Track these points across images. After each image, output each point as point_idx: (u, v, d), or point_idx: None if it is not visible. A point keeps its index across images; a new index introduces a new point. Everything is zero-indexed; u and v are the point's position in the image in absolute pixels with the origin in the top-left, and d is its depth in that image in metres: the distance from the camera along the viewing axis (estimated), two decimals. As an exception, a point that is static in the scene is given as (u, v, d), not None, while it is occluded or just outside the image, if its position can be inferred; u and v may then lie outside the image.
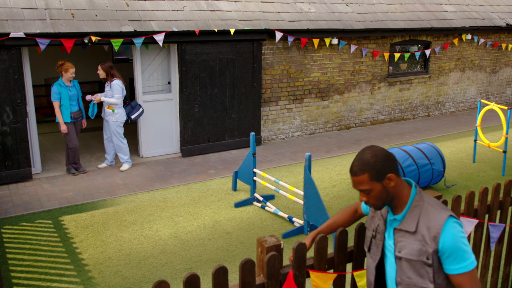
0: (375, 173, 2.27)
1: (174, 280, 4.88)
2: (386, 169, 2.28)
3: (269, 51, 9.58)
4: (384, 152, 2.30)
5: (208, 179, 7.83)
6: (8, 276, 4.92)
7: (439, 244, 2.22)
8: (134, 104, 8.19)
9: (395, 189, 2.33)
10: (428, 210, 2.30)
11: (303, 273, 2.56)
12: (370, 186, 2.28)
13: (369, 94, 11.32)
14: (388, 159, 2.30)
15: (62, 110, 7.62)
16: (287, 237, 5.80)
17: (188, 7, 8.79)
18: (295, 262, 2.52)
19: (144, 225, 6.13)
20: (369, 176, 2.27)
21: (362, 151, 2.33)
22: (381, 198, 2.32)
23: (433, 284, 2.28)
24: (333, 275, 2.68)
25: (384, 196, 2.31)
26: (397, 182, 2.32)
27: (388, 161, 2.29)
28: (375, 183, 2.28)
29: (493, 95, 13.88)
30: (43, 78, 12.84)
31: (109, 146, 8.28)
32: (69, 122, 7.68)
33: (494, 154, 9.19)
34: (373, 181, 2.28)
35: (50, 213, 6.49)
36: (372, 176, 2.27)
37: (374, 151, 2.30)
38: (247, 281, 2.37)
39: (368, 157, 2.28)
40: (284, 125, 10.19)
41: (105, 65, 7.94)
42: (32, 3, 7.60)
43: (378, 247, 2.47)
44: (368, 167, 2.27)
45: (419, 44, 11.92)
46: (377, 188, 2.29)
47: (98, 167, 8.29)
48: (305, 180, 5.70)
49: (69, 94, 7.64)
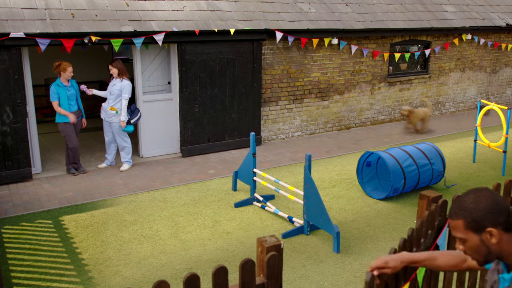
0: (471, 222, 1.92)
1: (174, 280, 4.88)
2: (487, 221, 1.90)
3: (269, 51, 9.59)
4: (489, 201, 1.92)
5: (208, 179, 7.83)
6: (8, 276, 4.92)
7: None
8: (134, 108, 8.20)
9: (499, 246, 1.93)
10: None
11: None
12: (465, 236, 1.95)
13: (369, 94, 11.32)
14: (493, 211, 1.90)
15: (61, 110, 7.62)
16: (287, 237, 5.80)
17: (188, 7, 8.79)
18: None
19: (144, 225, 6.13)
20: (464, 224, 1.94)
21: (467, 193, 2.00)
22: (479, 253, 1.96)
23: None
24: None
25: (483, 251, 1.95)
26: (503, 238, 1.91)
27: (492, 213, 1.90)
28: (470, 234, 1.94)
29: (493, 95, 13.88)
30: (43, 78, 12.85)
31: (110, 146, 8.28)
32: (68, 122, 7.66)
33: (494, 154, 9.19)
34: (468, 231, 1.94)
35: (50, 213, 6.49)
36: (467, 225, 1.93)
37: (478, 196, 1.94)
38: (247, 281, 2.37)
39: (468, 201, 1.94)
40: (284, 125, 10.19)
41: (116, 63, 7.95)
42: (32, 3, 7.60)
43: None
44: (464, 214, 1.94)
45: (419, 44, 11.92)
46: (473, 240, 1.94)
47: (98, 167, 8.29)
48: (305, 180, 5.70)
49: (68, 94, 7.63)
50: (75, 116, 7.71)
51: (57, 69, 7.57)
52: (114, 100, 7.95)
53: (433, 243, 3.25)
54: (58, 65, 7.56)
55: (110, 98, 7.98)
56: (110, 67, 7.95)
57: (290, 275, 4.97)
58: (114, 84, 7.96)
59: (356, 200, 6.97)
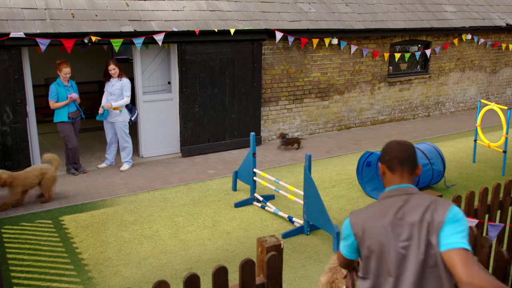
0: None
1: (174, 280, 4.87)
2: (380, 157, 2.54)
3: (269, 51, 9.58)
4: (387, 144, 2.52)
5: (208, 179, 7.83)
6: (8, 276, 4.92)
7: None
8: (131, 107, 8.22)
9: (384, 178, 2.50)
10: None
11: None
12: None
13: (369, 94, 11.32)
14: (384, 151, 2.48)
15: (60, 109, 7.59)
16: (287, 237, 5.80)
17: (188, 7, 8.79)
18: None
19: (144, 225, 6.13)
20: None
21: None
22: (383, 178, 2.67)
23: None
24: None
25: (382, 178, 2.64)
26: (386, 173, 2.49)
27: (383, 152, 2.49)
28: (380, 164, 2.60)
29: (493, 95, 13.88)
30: (43, 78, 12.84)
31: (111, 147, 8.28)
32: (67, 122, 7.64)
33: (494, 154, 9.19)
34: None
35: (50, 213, 6.49)
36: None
37: (391, 142, 2.53)
38: (247, 281, 2.37)
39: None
40: (284, 125, 10.19)
41: (116, 61, 7.98)
42: (32, 3, 7.60)
43: None
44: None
45: (419, 44, 11.92)
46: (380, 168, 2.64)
47: (98, 167, 8.29)
48: (305, 180, 5.70)
49: (67, 94, 7.61)
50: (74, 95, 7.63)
51: (57, 68, 7.60)
52: (116, 99, 7.95)
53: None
54: (58, 64, 7.57)
55: (111, 98, 7.97)
56: (113, 66, 7.91)
57: (290, 275, 4.96)
58: (113, 84, 7.96)
59: (356, 200, 6.97)
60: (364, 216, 2.35)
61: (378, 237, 2.27)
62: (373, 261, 2.30)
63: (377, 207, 2.36)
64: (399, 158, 2.37)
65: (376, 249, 2.28)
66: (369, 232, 2.30)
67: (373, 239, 2.29)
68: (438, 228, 2.15)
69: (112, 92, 7.96)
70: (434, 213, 2.19)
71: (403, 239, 2.22)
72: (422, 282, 2.18)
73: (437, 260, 2.16)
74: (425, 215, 2.20)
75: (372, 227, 2.30)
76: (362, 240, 2.33)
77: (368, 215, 2.34)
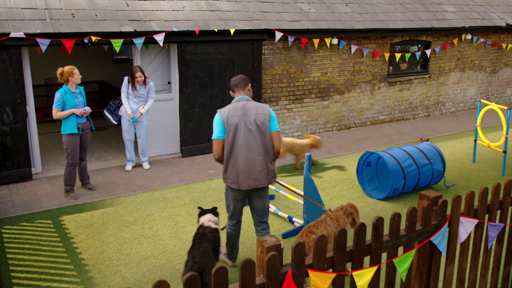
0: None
1: (174, 280, 4.88)
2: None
3: (269, 51, 9.59)
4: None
5: (208, 179, 7.84)
6: (8, 276, 4.92)
7: None
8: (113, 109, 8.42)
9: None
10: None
11: (302, 272, 2.56)
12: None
13: (369, 94, 11.32)
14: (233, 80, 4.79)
15: (67, 120, 6.68)
16: (287, 237, 5.80)
17: (188, 7, 8.80)
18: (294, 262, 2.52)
19: (144, 225, 6.13)
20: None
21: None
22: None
23: None
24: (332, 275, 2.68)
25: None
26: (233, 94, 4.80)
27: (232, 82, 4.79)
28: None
29: (493, 95, 13.88)
30: (43, 78, 12.85)
31: (131, 146, 8.24)
32: (75, 134, 6.76)
33: (494, 154, 9.19)
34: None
35: (50, 213, 6.49)
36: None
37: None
38: (247, 281, 2.37)
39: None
40: (284, 125, 10.19)
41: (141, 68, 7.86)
42: (32, 3, 7.60)
43: None
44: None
45: (419, 44, 11.92)
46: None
47: (126, 170, 8.20)
48: (305, 180, 5.70)
49: (76, 102, 6.69)
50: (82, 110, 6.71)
51: (62, 77, 6.61)
52: (144, 102, 8.04)
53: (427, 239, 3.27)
54: (62, 73, 6.60)
55: (140, 101, 7.97)
56: (140, 74, 7.72)
57: (290, 275, 4.96)
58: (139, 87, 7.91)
59: (356, 200, 6.97)
60: (226, 110, 4.53)
61: (235, 119, 4.48)
62: (231, 132, 4.46)
63: (233, 106, 4.54)
64: (236, 83, 4.68)
65: (233, 126, 4.46)
66: (231, 117, 4.47)
67: (233, 121, 4.47)
68: (269, 118, 4.55)
69: (140, 95, 7.96)
70: (264, 110, 4.56)
71: (249, 121, 4.49)
72: (255, 139, 4.53)
73: (266, 131, 4.56)
74: (257, 110, 4.54)
75: (232, 115, 4.48)
76: (226, 122, 4.46)
77: (228, 110, 4.53)
